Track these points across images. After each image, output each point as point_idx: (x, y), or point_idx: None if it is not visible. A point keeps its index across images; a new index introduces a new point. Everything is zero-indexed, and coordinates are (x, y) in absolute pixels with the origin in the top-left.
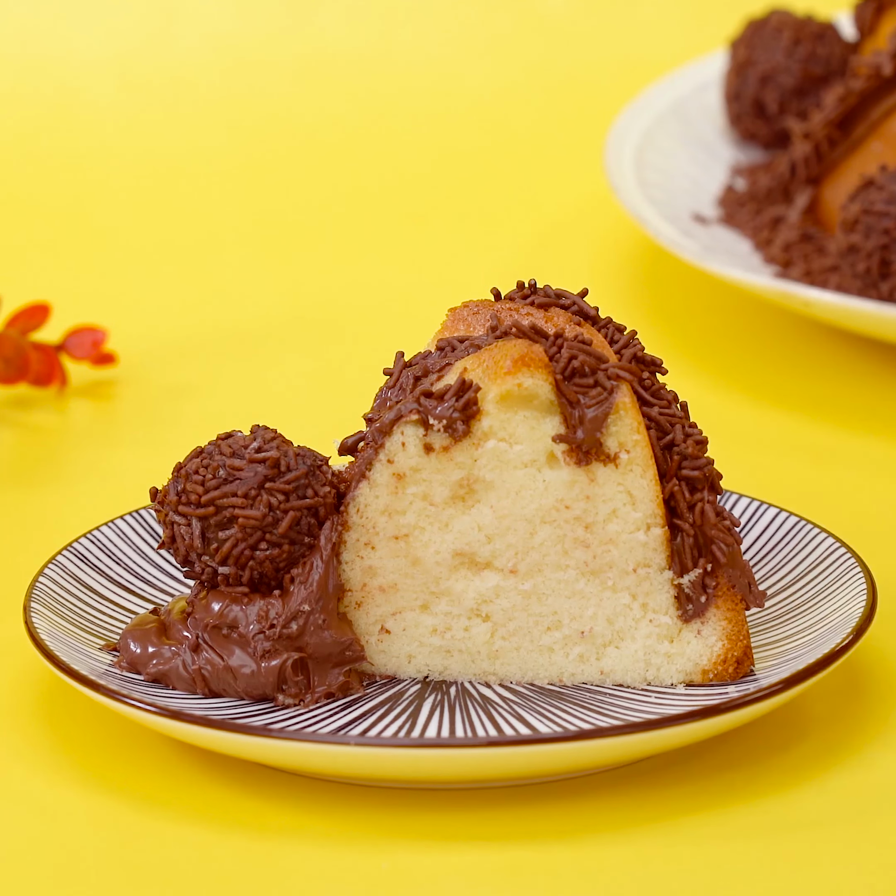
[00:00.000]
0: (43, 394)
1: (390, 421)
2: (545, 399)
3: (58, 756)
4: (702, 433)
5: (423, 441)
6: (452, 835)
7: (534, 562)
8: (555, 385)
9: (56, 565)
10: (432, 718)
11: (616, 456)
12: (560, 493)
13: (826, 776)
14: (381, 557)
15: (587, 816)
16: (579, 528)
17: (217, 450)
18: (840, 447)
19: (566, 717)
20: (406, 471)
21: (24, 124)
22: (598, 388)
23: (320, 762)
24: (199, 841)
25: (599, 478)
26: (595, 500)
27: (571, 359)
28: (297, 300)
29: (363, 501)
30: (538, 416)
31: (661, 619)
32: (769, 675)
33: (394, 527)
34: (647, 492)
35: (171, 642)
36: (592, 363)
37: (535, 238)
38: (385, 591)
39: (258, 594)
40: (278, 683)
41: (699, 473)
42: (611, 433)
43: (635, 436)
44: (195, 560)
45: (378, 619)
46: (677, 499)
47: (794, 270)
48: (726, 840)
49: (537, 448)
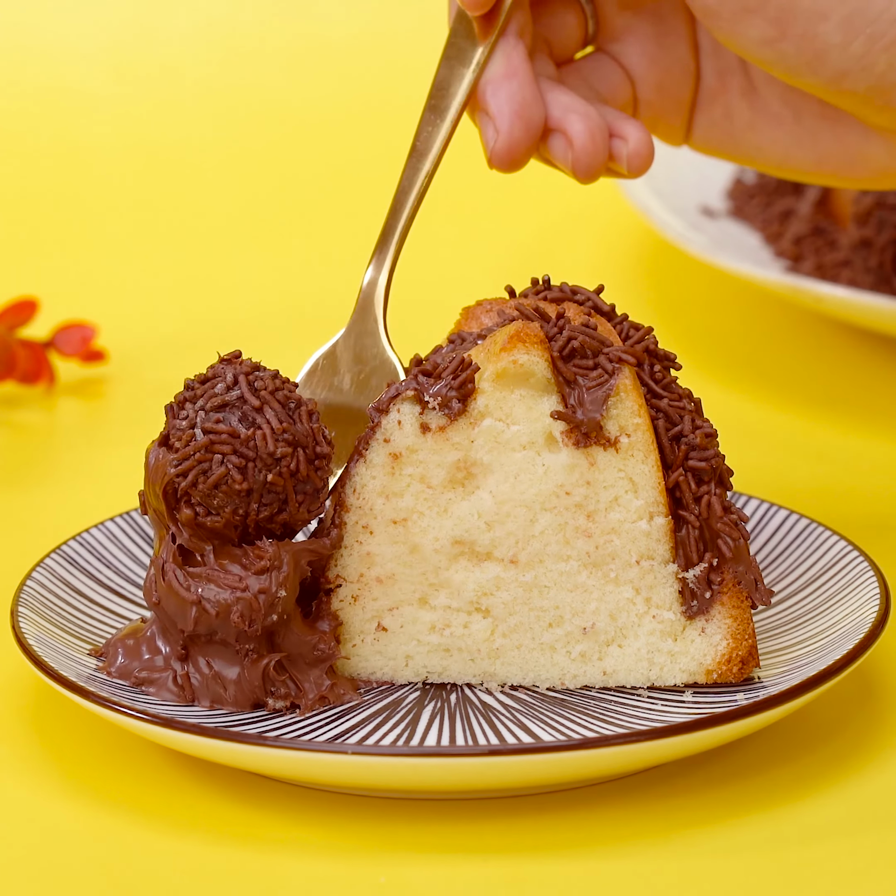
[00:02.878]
0: (30, 392)
1: (388, 398)
2: (541, 377)
3: (45, 764)
4: (712, 427)
5: (419, 420)
6: (453, 847)
7: (535, 551)
8: (551, 362)
9: (44, 569)
10: (432, 726)
11: (616, 440)
12: (560, 477)
13: (837, 787)
14: (379, 543)
15: (591, 828)
16: (580, 517)
17: None
18: (853, 447)
19: (570, 725)
20: (402, 450)
21: (11, 116)
22: (598, 369)
23: (317, 771)
24: (192, 853)
25: (600, 462)
26: (596, 486)
27: (570, 339)
28: (294, 296)
29: (360, 482)
30: (535, 394)
31: (665, 614)
32: (778, 682)
33: (392, 510)
34: (648, 478)
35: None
36: (594, 345)
37: (539, 233)
38: (383, 582)
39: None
40: (265, 686)
41: (706, 465)
42: (611, 416)
43: (636, 419)
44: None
45: (375, 614)
46: (683, 489)
47: (805, 265)
48: (734, 853)
49: (535, 428)
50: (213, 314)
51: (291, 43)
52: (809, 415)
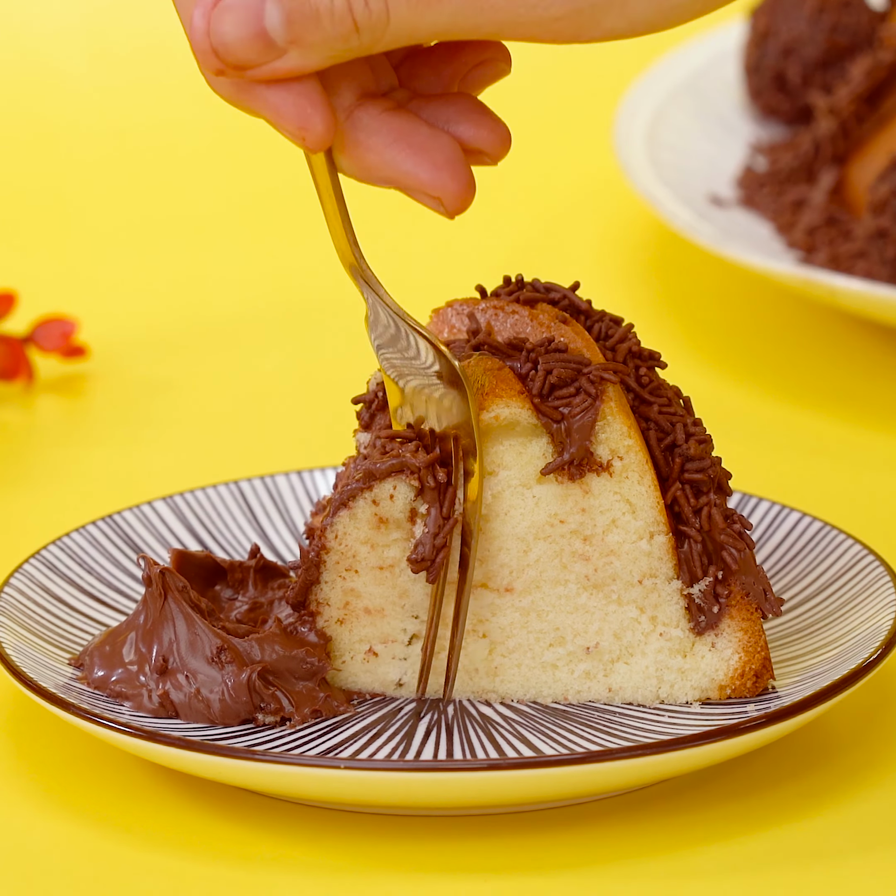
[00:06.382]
0: (8, 389)
1: (387, 468)
2: (526, 424)
3: (24, 779)
4: (705, 431)
5: (410, 505)
6: (450, 866)
7: (530, 579)
8: (533, 409)
9: (23, 574)
10: (428, 739)
11: (609, 464)
12: (552, 507)
13: (853, 802)
14: (365, 583)
15: (595, 845)
16: (577, 542)
17: None
18: (868, 446)
19: (572, 738)
20: (390, 518)
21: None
22: (581, 394)
23: (308, 786)
24: (177, 871)
25: (594, 488)
26: (591, 512)
27: (547, 374)
28: (281, 290)
29: (342, 529)
30: (523, 440)
31: (672, 632)
32: (791, 692)
33: (377, 558)
34: (646, 498)
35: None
36: (570, 373)
37: (541, 222)
38: (371, 613)
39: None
40: (253, 702)
41: (703, 476)
42: (600, 441)
43: (627, 441)
44: None
45: (364, 638)
46: (681, 504)
47: (819, 256)
48: (745, 871)
49: (527, 471)
50: (199, 308)
51: None
52: (823, 413)
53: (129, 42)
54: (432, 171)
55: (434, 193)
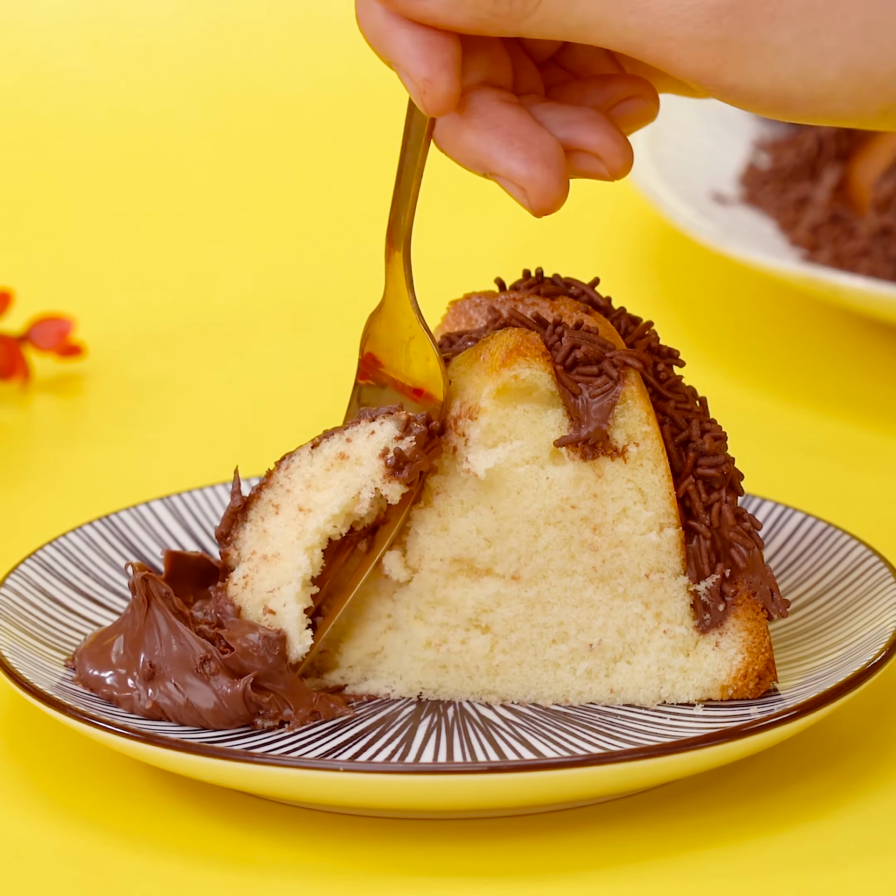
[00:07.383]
0: (4, 389)
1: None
2: (545, 390)
3: (19, 781)
4: (721, 429)
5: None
6: (450, 869)
7: (538, 567)
8: (554, 375)
9: (19, 575)
10: (428, 742)
11: (624, 449)
12: (565, 491)
13: (857, 805)
14: (278, 524)
15: (596, 849)
16: (587, 530)
17: None
18: (872, 447)
19: (573, 741)
20: (351, 455)
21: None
22: (603, 376)
23: (306, 789)
24: (175, 875)
25: (607, 473)
26: (603, 499)
27: (573, 347)
28: (279, 290)
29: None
30: (539, 408)
31: (676, 629)
32: (794, 694)
33: (304, 499)
34: (659, 488)
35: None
36: (596, 351)
37: (542, 219)
38: (268, 560)
39: None
40: (250, 711)
41: (716, 472)
42: (618, 425)
43: (645, 427)
44: None
45: (262, 601)
46: (692, 498)
47: (822, 254)
48: (748, 876)
49: (539, 443)
50: (197, 307)
51: (283, 16)
52: (826, 412)
53: (127, 40)
54: (524, 162)
55: (520, 184)
